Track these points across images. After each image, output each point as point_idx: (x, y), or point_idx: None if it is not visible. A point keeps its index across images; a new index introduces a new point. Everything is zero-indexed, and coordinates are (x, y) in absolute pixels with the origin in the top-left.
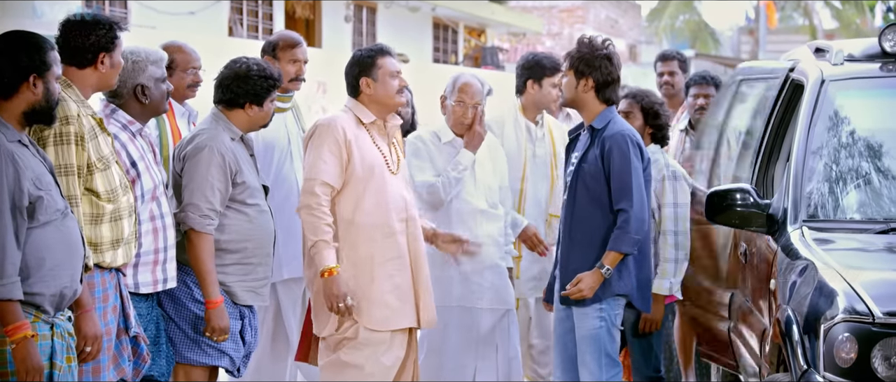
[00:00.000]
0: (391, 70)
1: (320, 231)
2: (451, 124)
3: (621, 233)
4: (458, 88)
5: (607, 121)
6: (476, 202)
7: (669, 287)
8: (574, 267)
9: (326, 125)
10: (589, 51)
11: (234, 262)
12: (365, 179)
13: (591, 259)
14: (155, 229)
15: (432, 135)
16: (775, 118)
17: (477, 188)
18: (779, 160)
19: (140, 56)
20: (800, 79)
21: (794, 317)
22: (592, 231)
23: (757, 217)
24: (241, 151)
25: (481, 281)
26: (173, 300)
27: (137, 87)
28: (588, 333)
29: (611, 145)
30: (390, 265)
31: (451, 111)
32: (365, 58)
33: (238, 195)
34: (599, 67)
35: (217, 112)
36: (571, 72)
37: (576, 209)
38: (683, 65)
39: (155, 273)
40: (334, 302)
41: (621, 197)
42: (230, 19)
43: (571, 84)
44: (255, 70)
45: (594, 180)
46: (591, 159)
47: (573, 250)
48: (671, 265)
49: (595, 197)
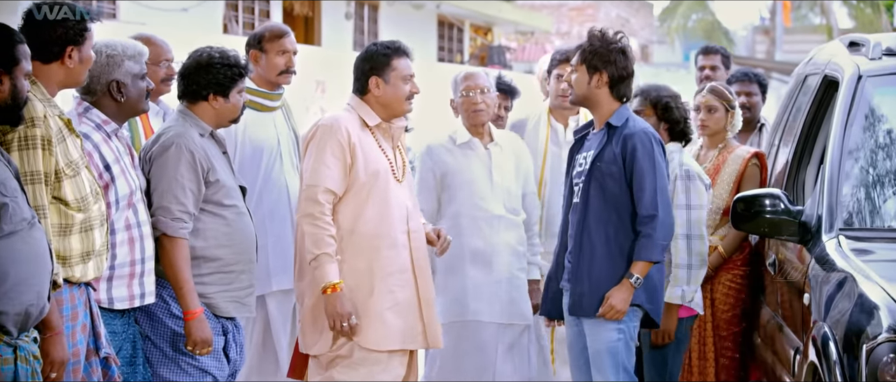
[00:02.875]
0: (405, 74)
1: (323, 243)
2: (466, 122)
3: (649, 241)
4: (462, 82)
5: (626, 118)
6: (492, 207)
7: (682, 295)
8: (592, 279)
9: (329, 126)
10: (602, 44)
11: (214, 271)
12: (368, 186)
13: (609, 268)
14: (131, 239)
15: (448, 139)
16: (807, 117)
17: (494, 192)
18: (810, 163)
19: (115, 50)
20: (834, 74)
21: (831, 335)
22: (608, 237)
23: (788, 224)
24: (213, 148)
25: (497, 293)
26: (149, 316)
27: (112, 84)
28: (604, 346)
29: (634, 144)
30: (392, 279)
31: (462, 105)
32: (380, 55)
33: (212, 196)
34: (614, 62)
35: (183, 108)
36: (583, 67)
37: (589, 214)
38: (727, 60)
39: (131, 287)
40: (337, 321)
41: (648, 201)
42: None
43: (583, 80)
44: (218, 58)
45: (612, 181)
46: (608, 158)
47: (588, 259)
48: (683, 271)
49: (611, 200)
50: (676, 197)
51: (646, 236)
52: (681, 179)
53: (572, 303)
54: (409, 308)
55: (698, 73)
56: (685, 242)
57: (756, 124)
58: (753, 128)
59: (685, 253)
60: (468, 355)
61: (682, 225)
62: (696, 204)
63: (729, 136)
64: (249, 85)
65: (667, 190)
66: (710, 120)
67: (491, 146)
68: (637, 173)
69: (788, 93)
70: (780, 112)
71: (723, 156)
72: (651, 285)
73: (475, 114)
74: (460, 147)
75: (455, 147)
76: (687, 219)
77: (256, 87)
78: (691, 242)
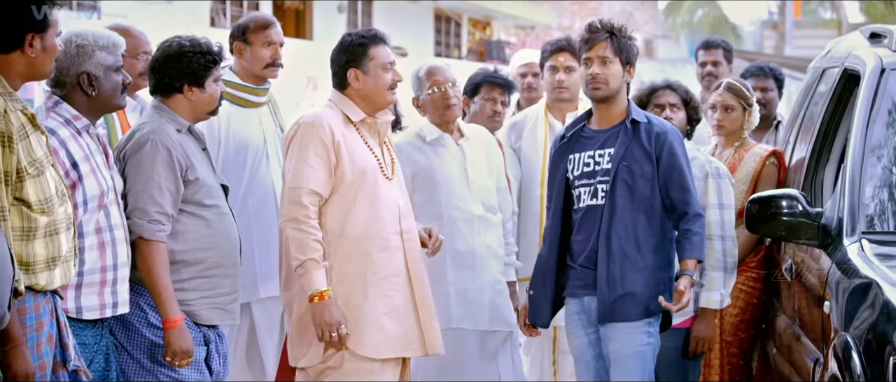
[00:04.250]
0: (384, 62)
1: (309, 248)
2: (434, 119)
3: (699, 239)
4: (428, 77)
5: (645, 115)
6: (471, 207)
7: (721, 300)
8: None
9: (311, 124)
10: (627, 37)
11: (194, 276)
12: (356, 185)
13: (645, 271)
14: (101, 243)
15: (415, 136)
16: (826, 113)
17: (471, 191)
18: (829, 161)
19: (86, 40)
20: (854, 67)
21: (854, 345)
22: (639, 241)
23: (806, 227)
24: (191, 144)
25: (480, 299)
26: (125, 326)
27: (83, 76)
28: (633, 350)
29: (670, 142)
30: (386, 283)
31: (430, 102)
32: (355, 45)
33: (192, 195)
34: (635, 56)
35: (157, 103)
36: (618, 60)
37: (617, 217)
38: (729, 54)
39: (102, 296)
40: (327, 331)
41: (692, 199)
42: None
43: (619, 73)
44: (189, 47)
45: (643, 181)
46: (640, 157)
47: (619, 264)
48: (720, 274)
49: (640, 199)
50: (708, 196)
51: (696, 234)
52: (712, 177)
53: (604, 310)
54: (405, 313)
55: (700, 69)
56: (720, 244)
57: (772, 121)
58: (769, 126)
59: (721, 256)
60: (450, 364)
61: (716, 225)
62: (727, 204)
63: (745, 135)
64: (233, 79)
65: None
66: (726, 120)
67: (462, 142)
68: (677, 172)
69: (805, 88)
70: (795, 108)
71: (739, 155)
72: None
73: (449, 110)
74: (431, 144)
75: (425, 145)
76: (721, 219)
77: (241, 82)
78: (726, 243)
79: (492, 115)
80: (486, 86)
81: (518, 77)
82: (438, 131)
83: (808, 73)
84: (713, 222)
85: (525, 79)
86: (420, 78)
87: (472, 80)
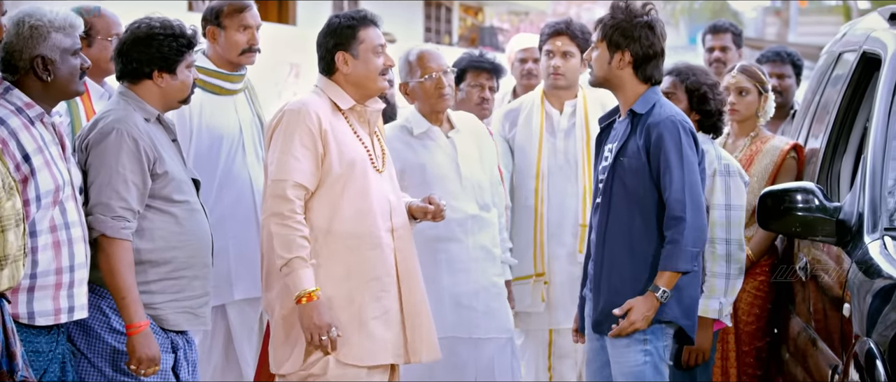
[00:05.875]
0: (375, 44)
1: (295, 245)
2: (423, 108)
3: (675, 248)
4: (419, 62)
5: (652, 105)
6: (465, 206)
7: (719, 308)
8: (612, 289)
9: (296, 111)
10: (625, 18)
11: (162, 277)
12: (344, 178)
13: (631, 278)
14: (56, 242)
15: (400, 129)
16: (842, 100)
17: (464, 188)
18: (847, 152)
19: (41, 20)
20: (874, 51)
21: (877, 352)
22: (632, 242)
23: (823, 224)
24: (160, 135)
25: (475, 304)
26: (85, 331)
27: (37, 60)
28: (629, 370)
29: (659, 133)
30: (376, 284)
31: (421, 90)
32: (343, 27)
33: (160, 190)
34: (639, 38)
35: (124, 89)
36: (604, 44)
37: (611, 214)
38: (738, 39)
39: (57, 300)
40: (316, 333)
41: (674, 201)
42: None
43: (604, 58)
44: (159, 29)
45: (635, 177)
46: (631, 151)
47: (608, 266)
48: (721, 281)
49: (635, 199)
50: (714, 195)
51: (672, 242)
52: (720, 175)
53: (595, 319)
54: (397, 317)
55: (707, 55)
56: (723, 247)
57: (788, 111)
58: (785, 116)
59: (723, 261)
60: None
61: (720, 227)
62: (736, 204)
63: (760, 124)
64: (206, 65)
65: (698, 187)
66: (740, 103)
67: (452, 134)
68: (663, 168)
69: (818, 74)
70: (808, 95)
71: (755, 147)
72: (686, 297)
73: (441, 100)
74: (419, 138)
75: (412, 138)
76: (726, 221)
77: (214, 68)
78: (730, 247)
79: (480, 102)
80: (471, 72)
81: (517, 63)
82: (427, 123)
83: (821, 57)
84: (717, 224)
85: (525, 65)
86: (411, 62)
87: (457, 66)
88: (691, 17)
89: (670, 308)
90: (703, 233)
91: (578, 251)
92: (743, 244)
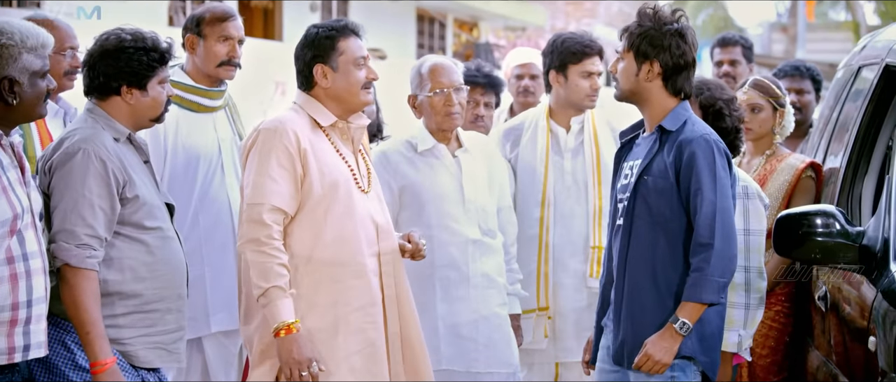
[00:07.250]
0: (356, 56)
1: (272, 274)
2: (431, 124)
3: (701, 276)
4: (428, 75)
5: (683, 121)
6: (465, 230)
7: (738, 342)
8: (634, 322)
9: (273, 130)
10: (654, 25)
11: (132, 310)
12: (327, 201)
13: (652, 307)
14: (13, 275)
15: (404, 144)
16: (863, 116)
17: (466, 211)
18: (868, 172)
19: (12, 39)
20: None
21: None
22: (655, 267)
23: (845, 249)
24: (130, 156)
25: (475, 336)
26: (47, 369)
27: (3, 82)
28: None
29: (692, 152)
30: (360, 315)
31: (429, 105)
32: (322, 38)
33: (130, 216)
34: (668, 47)
35: (91, 106)
36: (630, 55)
37: (633, 237)
38: (749, 52)
39: (12, 337)
40: (295, 369)
41: (703, 226)
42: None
43: (631, 70)
44: (130, 41)
45: (661, 198)
46: (658, 170)
47: (628, 294)
48: (739, 312)
49: (660, 222)
50: None
51: (697, 270)
52: (738, 198)
53: (616, 351)
54: (382, 349)
55: (715, 70)
56: (742, 275)
57: (808, 128)
58: (805, 133)
59: (742, 290)
60: None
61: (739, 255)
62: (755, 229)
63: (777, 141)
64: (184, 80)
65: (730, 213)
66: (754, 121)
67: (460, 153)
68: (693, 189)
69: (836, 89)
70: (825, 111)
71: (771, 165)
72: (707, 332)
73: (449, 118)
74: (423, 155)
75: (416, 155)
76: (745, 247)
77: (192, 83)
78: (749, 275)
79: (474, 120)
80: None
81: (513, 79)
82: (432, 140)
83: (839, 71)
84: None
85: (521, 82)
86: (422, 74)
87: None
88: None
89: (690, 342)
90: (732, 263)
91: (589, 275)
92: (763, 272)
